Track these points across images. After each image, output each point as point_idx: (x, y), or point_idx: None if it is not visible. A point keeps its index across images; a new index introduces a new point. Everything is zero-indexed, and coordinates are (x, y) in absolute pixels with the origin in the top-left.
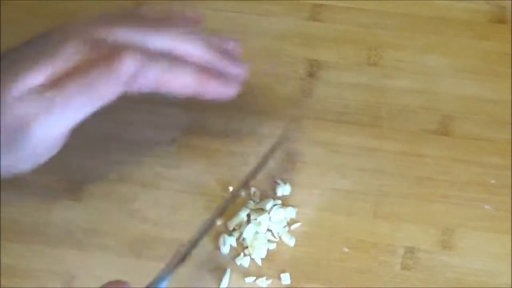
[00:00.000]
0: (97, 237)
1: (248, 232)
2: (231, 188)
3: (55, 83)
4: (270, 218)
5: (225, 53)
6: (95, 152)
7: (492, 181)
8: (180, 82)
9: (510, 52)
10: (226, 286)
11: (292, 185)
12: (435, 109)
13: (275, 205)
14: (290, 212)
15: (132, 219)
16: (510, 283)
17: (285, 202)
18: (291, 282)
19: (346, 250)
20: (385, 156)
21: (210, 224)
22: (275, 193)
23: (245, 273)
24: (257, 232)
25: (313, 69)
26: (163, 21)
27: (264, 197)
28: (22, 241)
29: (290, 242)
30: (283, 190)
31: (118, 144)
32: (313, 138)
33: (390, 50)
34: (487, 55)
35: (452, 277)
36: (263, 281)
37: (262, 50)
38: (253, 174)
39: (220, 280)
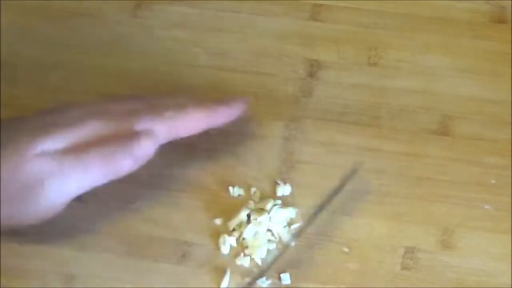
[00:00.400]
0: (97, 237)
1: (248, 232)
2: (231, 188)
3: (75, 150)
4: (270, 218)
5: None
6: None
7: (492, 181)
8: (191, 124)
9: (510, 52)
10: (226, 286)
11: (292, 185)
12: (435, 109)
13: (275, 205)
14: (290, 212)
15: (132, 219)
16: (510, 283)
17: (285, 202)
18: (291, 282)
19: (346, 250)
20: (385, 156)
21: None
22: (275, 193)
23: (245, 273)
24: (257, 232)
25: (313, 69)
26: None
27: (264, 197)
28: (22, 241)
29: (290, 242)
30: (283, 190)
31: None
32: (313, 138)
33: (390, 50)
34: (487, 55)
35: (452, 277)
36: (263, 281)
37: (262, 50)
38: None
39: (220, 280)
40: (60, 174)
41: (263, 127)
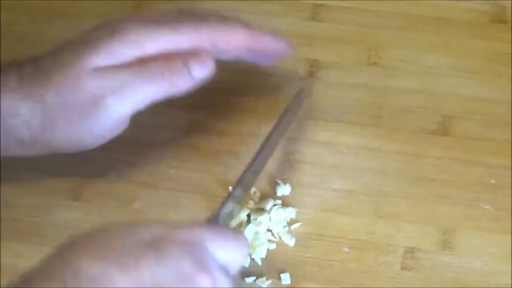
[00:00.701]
0: None
1: (248, 232)
2: (231, 188)
3: (134, 65)
4: (270, 218)
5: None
6: (95, 152)
7: (492, 181)
8: (234, 38)
9: (510, 52)
10: None
11: (292, 185)
12: (435, 109)
13: (275, 205)
14: (290, 212)
15: (132, 219)
16: (510, 283)
17: (285, 202)
18: (291, 282)
19: (346, 250)
20: (385, 156)
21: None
22: (275, 193)
23: (245, 273)
24: (257, 232)
25: (313, 69)
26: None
27: (264, 197)
28: (22, 241)
29: (290, 242)
30: (283, 190)
31: (118, 144)
32: (313, 138)
33: (390, 50)
34: (487, 55)
35: (452, 277)
36: (263, 281)
37: None
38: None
39: None
40: (120, 89)
41: (263, 127)
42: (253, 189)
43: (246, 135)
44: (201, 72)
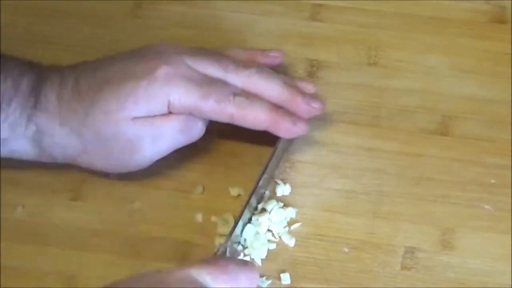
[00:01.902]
0: (97, 237)
1: (248, 232)
2: (231, 188)
3: (166, 117)
4: (270, 218)
5: (300, 92)
6: None
7: (492, 181)
8: (254, 119)
9: (510, 52)
10: None
11: (292, 185)
12: (435, 109)
13: (275, 205)
14: (290, 212)
15: (132, 219)
16: (510, 283)
17: (285, 202)
18: (291, 282)
19: (346, 250)
20: (385, 156)
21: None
22: (275, 193)
23: None
24: (257, 232)
25: (313, 69)
26: (243, 61)
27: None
28: (22, 241)
29: (290, 242)
30: (283, 190)
31: None
32: (313, 138)
33: (390, 50)
34: (487, 55)
35: (452, 277)
36: (263, 281)
37: None
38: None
39: None
40: (156, 138)
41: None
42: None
43: (246, 135)
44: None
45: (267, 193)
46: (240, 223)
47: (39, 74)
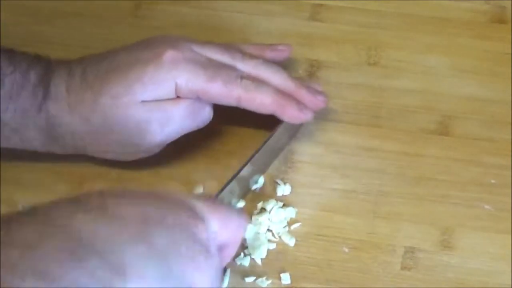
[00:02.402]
0: None
1: (248, 232)
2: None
3: (174, 100)
4: (270, 218)
5: (305, 84)
6: None
7: (492, 181)
8: (261, 102)
9: (510, 52)
10: (226, 286)
11: (292, 185)
12: (435, 109)
13: (275, 205)
14: (290, 212)
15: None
16: (510, 283)
17: (285, 202)
18: (291, 282)
19: (346, 250)
20: (385, 156)
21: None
22: (275, 193)
23: (245, 273)
24: (257, 232)
25: (313, 69)
26: (250, 53)
27: (264, 197)
28: None
29: (290, 242)
30: (283, 190)
31: None
32: (313, 138)
33: (390, 50)
34: (487, 55)
35: (452, 277)
36: (263, 281)
37: None
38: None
39: (220, 280)
40: (165, 121)
41: (264, 127)
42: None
43: (247, 135)
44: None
45: (257, 186)
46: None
47: (46, 66)
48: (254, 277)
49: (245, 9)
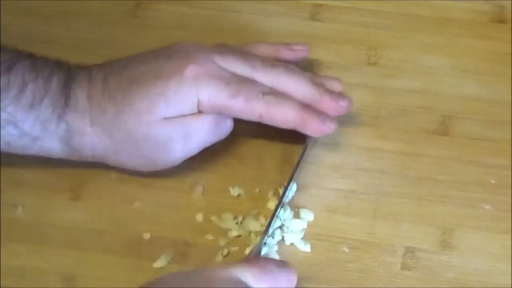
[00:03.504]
0: (97, 237)
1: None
2: (231, 188)
3: (196, 116)
4: (287, 229)
5: (327, 90)
6: None
7: (492, 181)
8: (283, 117)
9: (510, 52)
10: None
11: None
12: (435, 109)
13: (288, 214)
14: (306, 217)
15: (132, 219)
16: (510, 283)
17: (289, 203)
18: None
19: (346, 250)
20: (385, 156)
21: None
22: (279, 194)
23: None
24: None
25: (313, 69)
26: (270, 59)
27: (264, 197)
28: (22, 241)
29: (306, 248)
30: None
31: None
32: (313, 138)
33: (390, 50)
34: (487, 55)
35: (452, 277)
36: None
37: None
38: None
39: None
40: (187, 137)
41: (264, 127)
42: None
43: (246, 135)
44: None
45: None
46: (271, 225)
47: (67, 73)
48: None
49: (245, 9)
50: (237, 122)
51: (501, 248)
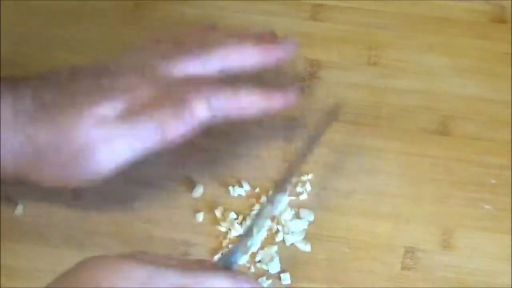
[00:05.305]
0: (97, 237)
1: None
2: (231, 188)
3: (125, 117)
4: (288, 230)
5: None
6: None
7: (492, 181)
8: (247, 104)
9: (510, 52)
10: None
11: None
12: (435, 109)
13: (289, 214)
14: (305, 221)
15: (132, 219)
16: (510, 283)
17: (289, 203)
18: (291, 282)
19: (347, 250)
20: (385, 156)
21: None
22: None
23: (245, 272)
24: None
25: (313, 69)
26: (211, 41)
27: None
28: (22, 241)
29: (306, 248)
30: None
31: None
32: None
33: (390, 50)
34: (487, 55)
35: (452, 277)
36: (263, 281)
37: None
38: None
39: None
40: (110, 141)
41: (263, 127)
42: (263, 198)
43: (246, 135)
44: (194, 116)
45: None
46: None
47: None
48: (254, 277)
49: (245, 9)
50: (237, 122)
51: (501, 248)
